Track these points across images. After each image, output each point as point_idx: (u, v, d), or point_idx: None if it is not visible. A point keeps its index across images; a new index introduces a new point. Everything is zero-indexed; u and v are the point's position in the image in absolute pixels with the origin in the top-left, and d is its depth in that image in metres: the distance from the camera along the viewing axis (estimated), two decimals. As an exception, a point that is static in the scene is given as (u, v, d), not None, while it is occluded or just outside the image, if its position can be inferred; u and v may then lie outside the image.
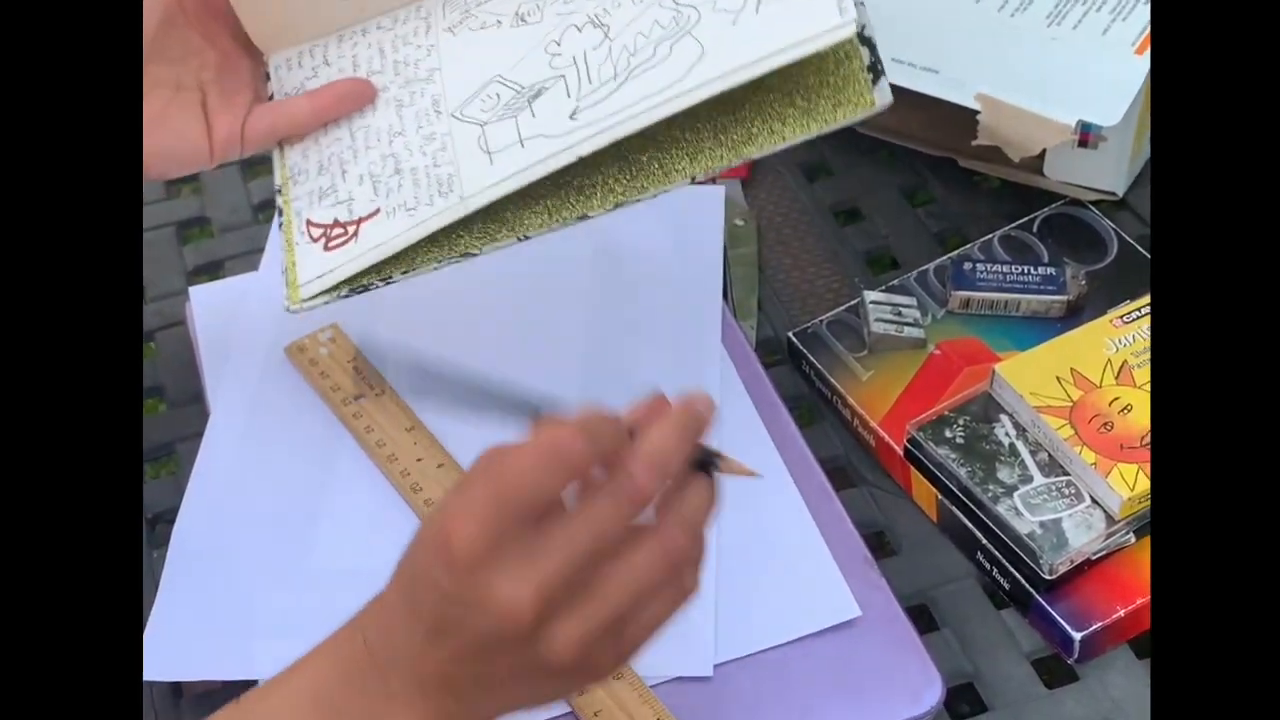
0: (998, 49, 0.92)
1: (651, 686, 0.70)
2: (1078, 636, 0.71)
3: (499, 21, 0.75)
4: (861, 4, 0.65)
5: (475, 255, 0.71)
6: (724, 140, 0.68)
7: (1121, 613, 0.71)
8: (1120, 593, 0.72)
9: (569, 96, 0.69)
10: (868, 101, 0.65)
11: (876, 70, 0.65)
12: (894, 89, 0.90)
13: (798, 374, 0.86)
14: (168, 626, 0.74)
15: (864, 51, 0.66)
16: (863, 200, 0.97)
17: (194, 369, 0.87)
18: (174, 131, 0.74)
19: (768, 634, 0.72)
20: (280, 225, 0.75)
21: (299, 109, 0.76)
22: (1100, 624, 0.71)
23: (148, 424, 0.87)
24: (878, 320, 0.84)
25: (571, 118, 0.69)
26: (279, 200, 0.75)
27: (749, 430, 0.80)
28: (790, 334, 0.86)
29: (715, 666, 0.71)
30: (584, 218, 0.69)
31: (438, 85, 0.74)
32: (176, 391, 0.88)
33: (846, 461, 0.82)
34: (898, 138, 0.97)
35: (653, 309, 0.87)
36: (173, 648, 0.73)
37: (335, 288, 0.72)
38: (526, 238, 0.70)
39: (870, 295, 0.86)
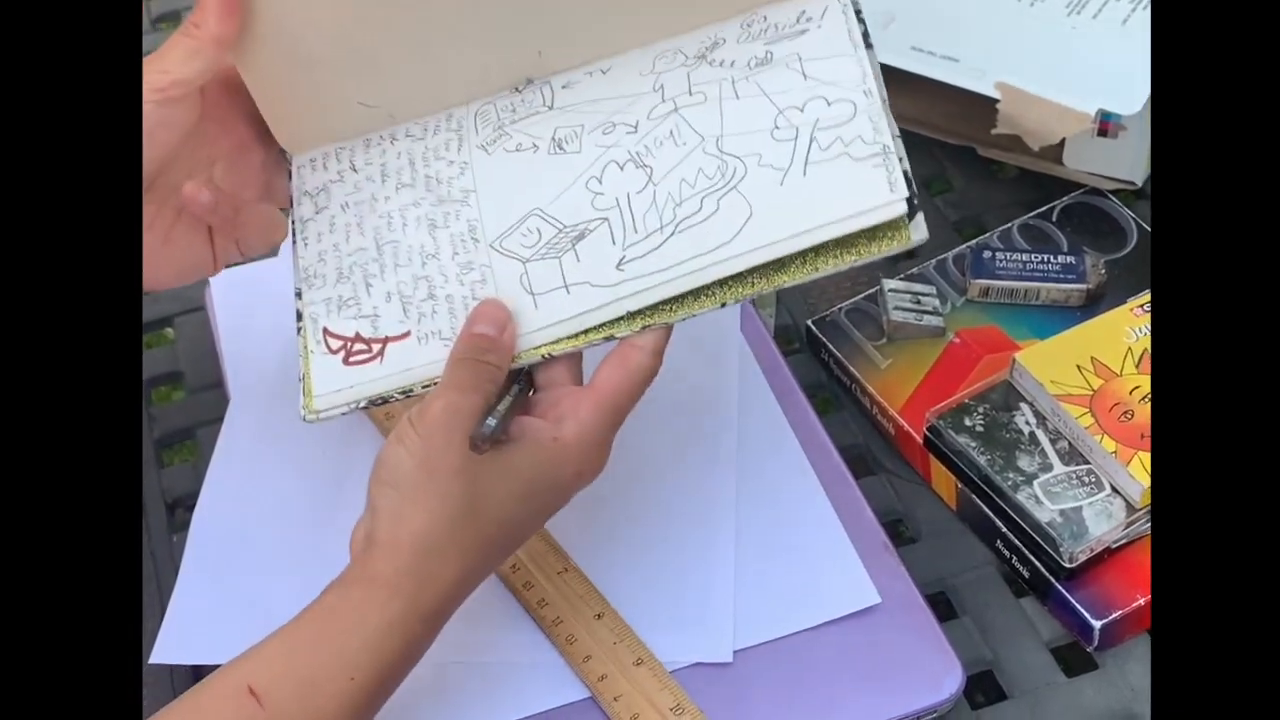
0: (1018, 38, 0.92)
1: (671, 672, 0.70)
2: (1097, 625, 0.71)
3: (535, 146, 0.72)
4: (899, 137, 0.66)
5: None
6: (757, 270, 0.67)
7: (1141, 601, 0.71)
8: (1140, 581, 0.72)
9: (614, 244, 0.68)
10: (904, 238, 0.65)
11: (913, 206, 0.65)
12: (914, 77, 0.91)
13: (817, 362, 0.86)
14: (187, 611, 0.74)
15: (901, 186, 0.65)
16: (881, 189, 0.97)
17: (214, 355, 0.87)
18: (182, 250, 0.73)
19: (787, 620, 0.72)
20: (299, 330, 0.72)
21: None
22: (1120, 612, 0.71)
23: (167, 409, 0.87)
24: (897, 309, 0.84)
25: (619, 268, 0.67)
26: (297, 304, 0.73)
27: (768, 418, 0.80)
28: (809, 322, 0.86)
29: (735, 652, 0.71)
30: (610, 339, 0.68)
31: (474, 209, 0.71)
32: (196, 377, 0.88)
33: (865, 450, 0.82)
34: (917, 126, 0.97)
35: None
36: (192, 632, 0.73)
37: (355, 402, 0.70)
38: (551, 356, 0.68)
39: (889, 284, 0.86)
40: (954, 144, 0.97)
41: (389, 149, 0.75)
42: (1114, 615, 0.71)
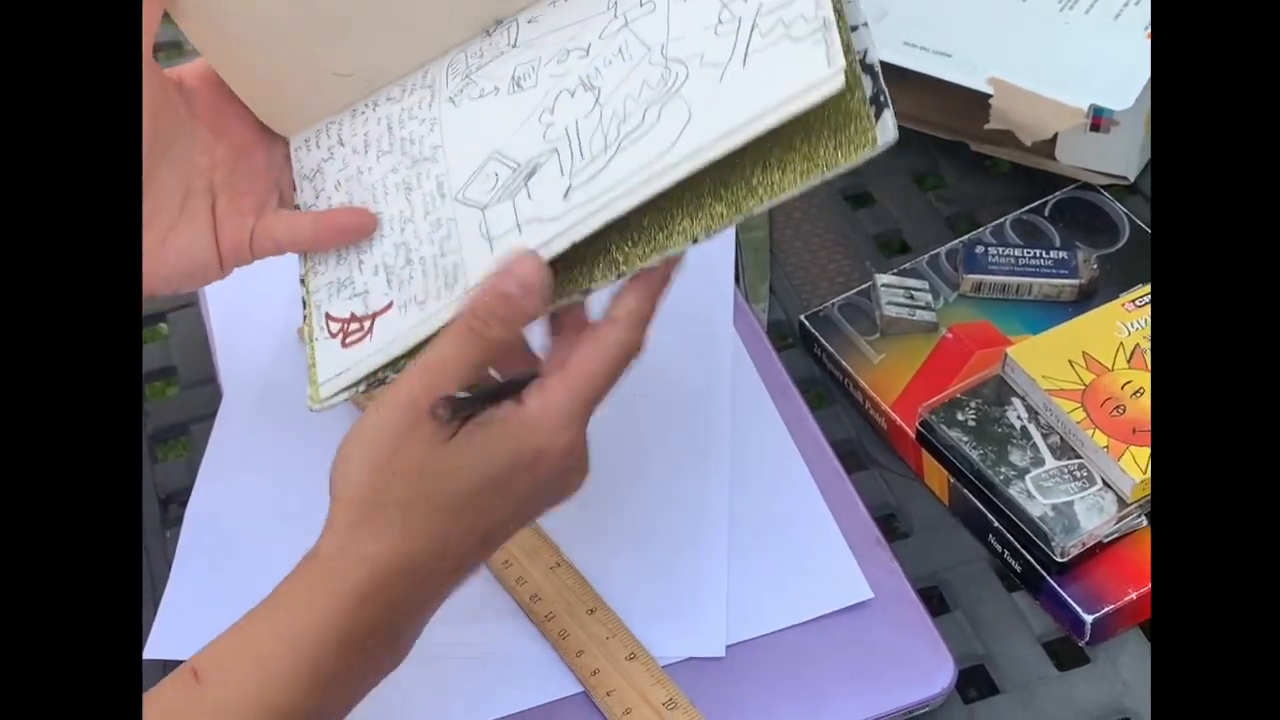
0: (1010, 33, 0.92)
1: (664, 667, 0.70)
2: (1089, 619, 0.71)
3: (496, 89, 0.70)
4: (863, 25, 0.61)
5: None
6: (724, 196, 0.63)
7: (1133, 595, 0.72)
8: (1132, 575, 0.72)
9: (562, 174, 0.65)
10: (870, 140, 0.59)
11: (879, 103, 0.59)
12: (907, 72, 0.91)
13: (809, 357, 0.86)
14: (181, 606, 0.74)
15: (866, 82, 0.60)
16: (874, 184, 0.97)
17: (207, 350, 0.87)
18: (180, 251, 0.71)
19: (780, 615, 0.72)
20: (305, 318, 0.72)
21: (303, 229, 0.72)
22: (1112, 606, 0.71)
23: (161, 405, 0.87)
24: (890, 303, 0.85)
25: (565, 198, 0.65)
26: (302, 292, 0.72)
27: (761, 413, 0.81)
28: (802, 317, 0.86)
29: (728, 647, 0.71)
30: (588, 291, 0.65)
31: (441, 165, 0.70)
32: (189, 373, 0.88)
33: (858, 444, 0.82)
34: (909, 122, 0.97)
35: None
36: (186, 626, 0.73)
37: (353, 385, 0.69)
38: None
39: (882, 279, 0.86)
40: (947, 139, 0.97)
41: (371, 116, 0.74)
42: (1106, 609, 0.71)
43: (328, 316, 0.71)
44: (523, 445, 0.61)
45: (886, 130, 0.59)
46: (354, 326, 0.70)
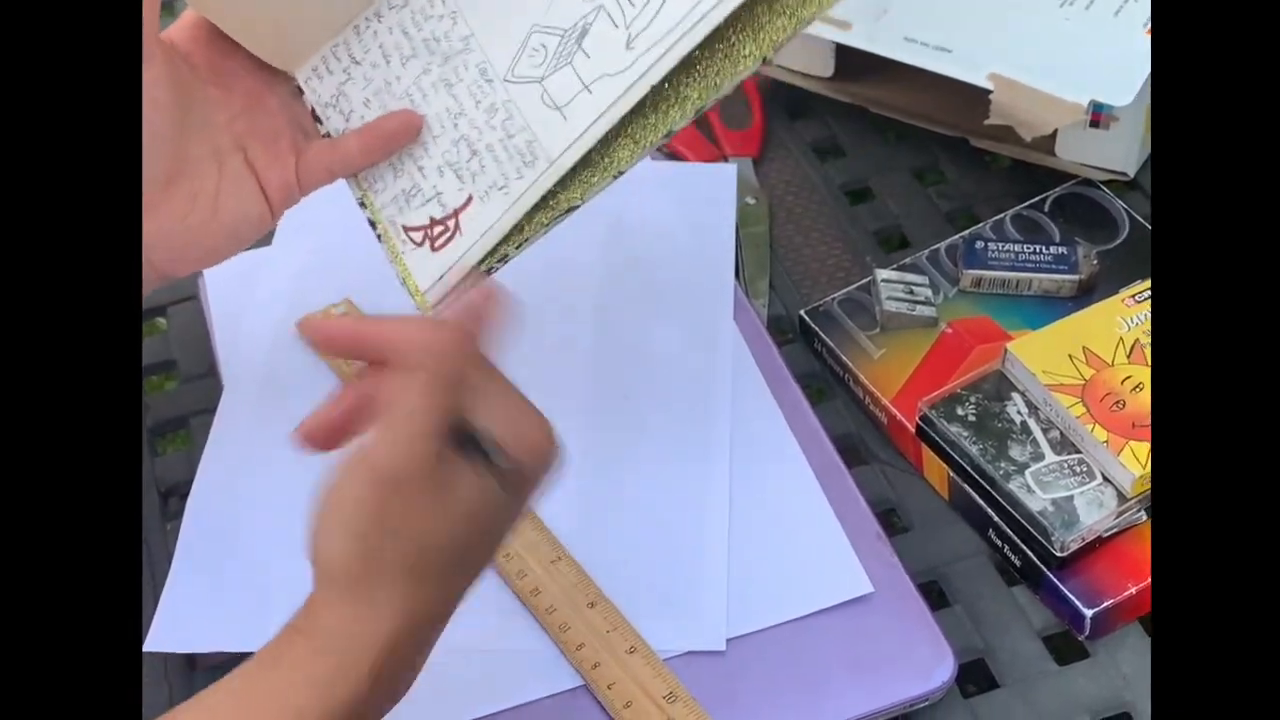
0: (1010, 29, 0.92)
1: (665, 660, 0.70)
2: (1089, 613, 0.71)
3: None
4: None
5: (579, 206, 0.69)
6: (778, 7, 0.65)
7: (1133, 590, 0.72)
8: (1131, 570, 0.72)
9: (616, 26, 0.66)
10: None
11: None
12: (907, 68, 0.91)
13: (809, 352, 0.86)
14: (181, 599, 0.74)
15: None
16: (874, 180, 0.97)
17: (207, 343, 0.87)
18: (232, 213, 0.71)
19: (780, 609, 0.72)
20: (379, 238, 0.72)
21: (350, 151, 0.73)
22: (1111, 601, 0.71)
23: (160, 398, 0.87)
24: (890, 298, 0.85)
25: (628, 47, 0.66)
26: (366, 214, 0.73)
27: (761, 408, 0.81)
28: (802, 312, 0.86)
29: (728, 641, 0.71)
30: (670, 134, 0.67)
31: (478, 53, 0.70)
32: (189, 366, 0.88)
33: (858, 439, 0.82)
34: (909, 117, 0.97)
35: (665, 287, 0.87)
36: (186, 620, 0.74)
37: (460, 284, 0.70)
38: (622, 173, 0.68)
39: (882, 274, 0.86)
40: (947, 135, 0.97)
41: (379, 27, 0.73)
42: (1105, 604, 0.71)
43: (405, 229, 0.71)
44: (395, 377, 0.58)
45: None
46: (439, 230, 0.70)
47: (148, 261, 0.70)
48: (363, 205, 0.73)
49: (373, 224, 0.73)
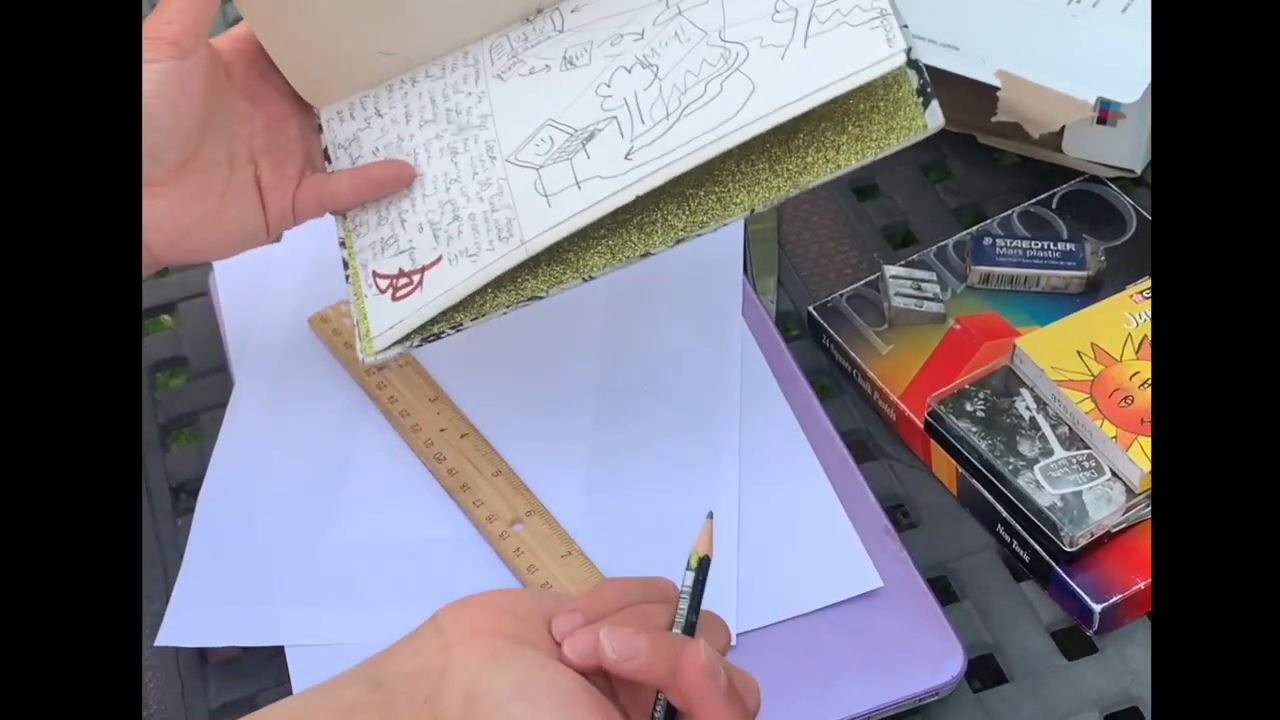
0: (1018, 26, 0.92)
1: (675, 655, 0.70)
2: (1098, 608, 0.71)
3: (548, 66, 0.74)
4: (906, 27, 0.66)
5: (542, 298, 0.71)
6: (779, 171, 0.69)
7: (1141, 585, 0.72)
8: (1140, 565, 0.72)
9: (622, 137, 0.70)
10: (920, 125, 0.67)
11: (926, 94, 0.67)
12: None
13: (818, 348, 0.86)
14: (193, 594, 0.75)
15: (912, 76, 0.67)
16: (881, 176, 0.97)
17: (217, 339, 0.88)
18: (234, 218, 0.74)
19: (790, 604, 0.72)
20: (348, 278, 0.75)
21: (341, 188, 0.75)
22: (1120, 596, 0.72)
23: (171, 394, 0.88)
24: (898, 294, 0.85)
25: (627, 158, 0.69)
26: (343, 254, 0.75)
27: (770, 403, 0.81)
28: (811, 308, 0.86)
29: (737, 635, 0.71)
30: (646, 255, 0.70)
31: (491, 131, 0.73)
32: (200, 362, 0.89)
33: (867, 435, 0.82)
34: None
35: (674, 284, 0.88)
36: (198, 615, 0.74)
37: (407, 337, 0.71)
38: (591, 278, 0.70)
39: (890, 270, 0.86)
40: (954, 131, 0.97)
41: (410, 90, 0.77)
42: (1114, 599, 0.72)
43: (375, 274, 0.74)
44: None
45: (935, 117, 0.67)
46: (403, 281, 0.72)
47: (145, 244, 0.72)
48: (343, 245, 0.76)
49: (345, 264, 0.75)
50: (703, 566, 0.60)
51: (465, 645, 0.56)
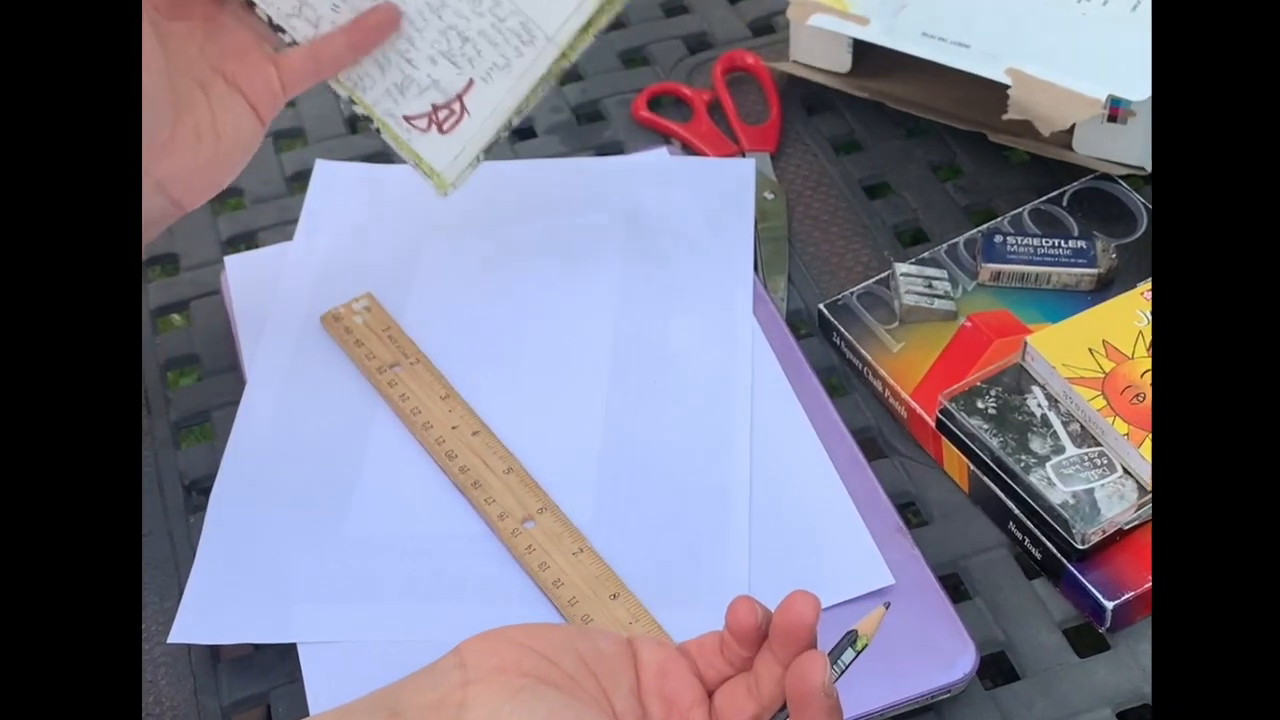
0: (1028, 24, 0.92)
1: (687, 652, 0.70)
2: (1110, 606, 0.71)
3: None
4: None
5: (572, 63, 0.74)
6: None
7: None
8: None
9: None
10: None
11: None
12: (925, 63, 0.92)
13: (828, 346, 0.86)
14: (205, 592, 0.75)
15: None
16: (891, 174, 0.97)
17: (229, 338, 0.88)
18: (231, 133, 0.75)
19: (801, 601, 0.72)
20: (377, 131, 0.77)
21: (336, 48, 0.76)
22: (1132, 593, 0.72)
23: (183, 392, 0.88)
24: (909, 292, 0.85)
25: None
26: (358, 110, 0.77)
27: (781, 401, 0.81)
28: (821, 306, 0.86)
29: (750, 633, 0.72)
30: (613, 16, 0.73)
31: None
32: (211, 360, 0.89)
33: (878, 432, 0.82)
34: (926, 112, 0.98)
35: (684, 281, 0.88)
36: (210, 612, 0.74)
37: (476, 157, 0.75)
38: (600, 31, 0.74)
39: (901, 267, 0.86)
40: (964, 129, 0.97)
41: None
42: (1126, 596, 0.71)
43: (406, 118, 0.76)
44: None
45: None
46: (444, 114, 0.75)
47: (167, 197, 0.74)
48: (352, 103, 0.77)
49: (368, 118, 0.77)
50: (862, 649, 0.61)
51: (486, 682, 0.55)
